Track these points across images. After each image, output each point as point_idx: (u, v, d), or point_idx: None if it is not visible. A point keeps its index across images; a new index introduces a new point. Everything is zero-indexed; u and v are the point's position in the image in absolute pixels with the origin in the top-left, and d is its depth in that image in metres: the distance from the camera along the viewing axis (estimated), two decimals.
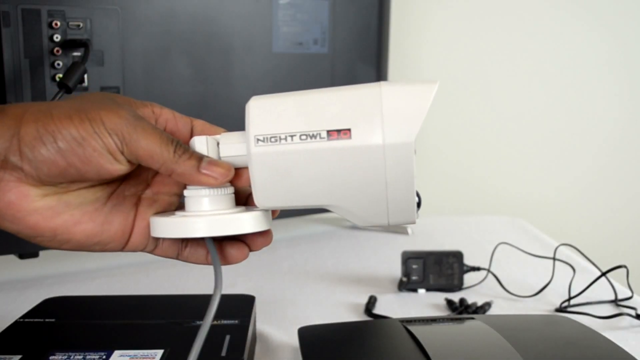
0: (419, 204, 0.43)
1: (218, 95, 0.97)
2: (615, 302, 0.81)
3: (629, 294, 0.83)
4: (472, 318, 0.65)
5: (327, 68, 1.07)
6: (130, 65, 0.88)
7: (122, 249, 0.45)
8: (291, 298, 0.84)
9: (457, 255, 0.86)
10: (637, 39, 1.43)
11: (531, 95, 1.43)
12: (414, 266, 0.85)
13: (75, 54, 0.82)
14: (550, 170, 1.46)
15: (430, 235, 1.16)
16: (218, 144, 0.43)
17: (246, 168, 0.43)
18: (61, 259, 0.97)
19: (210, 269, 0.95)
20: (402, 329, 0.61)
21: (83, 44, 0.81)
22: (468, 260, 0.88)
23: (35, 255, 0.85)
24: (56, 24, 0.80)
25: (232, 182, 0.44)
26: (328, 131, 0.40)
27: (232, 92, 0.98)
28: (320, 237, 1.16)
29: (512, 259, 0.96)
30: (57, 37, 0.81)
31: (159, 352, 0.54)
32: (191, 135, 0.45)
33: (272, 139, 0.40)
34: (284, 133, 0.40)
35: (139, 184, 0.45)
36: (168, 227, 0.42)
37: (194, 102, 0.95)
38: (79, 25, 0.82)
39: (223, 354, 0.54)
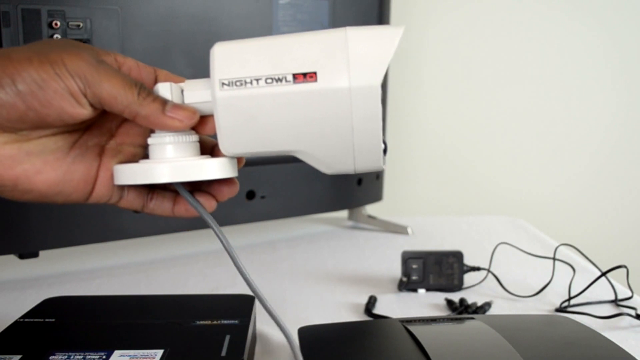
0: (385, 151, 0.42)
1: None
2: (615, 302, 0.81)
3: (629, 294, 0.83)
4: (472, 318, 0.65)
5: None
6: None
7: (86, 200, 0.44)
8: (291, 298, 0.84)
9: (457, 255, 0.86)
10: (635, 38, 1.43)
11: (531, 95, 1.43)
12: (414, 266, 0.85)
13: None
14: (551, 170, 1.46)
15: (430, 235, 1.16)
16: (182, 91, 0.43)
17: (211, 116, 0.42)
18: (61, 259, 0.97)
19: (210, 270, 0.95)
20: (402, 329, 0.61)
21: None
22: (468, 260, 0.88)
23: (35, 255, 0.85)
24: (56, 24, 0.80)
25: (196, 131, 0.43)
26: (294, 74, 0.39)
27: None
28: (320, 237, 1.16)
29: (512, 259, 0.96)
30: (57, 37, 0.81)
31: (159, 352, 0.54)
32: (155, 80, 0.45)
33: (238, 83, 0.40)
34: (249, 77, 0.40)
35: (103, 134, 0.44)
36: (131, 173, 0.41)
37: None
38: (79, 25, 0.82)
39: (223, 354, 0.54)
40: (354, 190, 1.15)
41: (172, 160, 0.41)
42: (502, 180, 1.46)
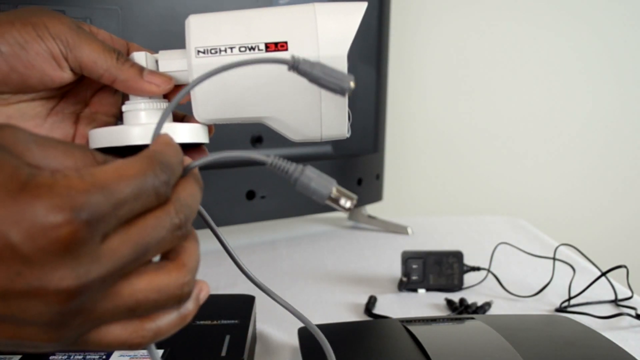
0: (350, 119, 0.45)
1: None
2: (615, 302, 0.81)
3: (629, 294, 0.83)
4: (472, 318, 0.65)
5: None
6: None
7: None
8: (291, 298, 0.84)
9: (457, 255, 0.86)
10: (635, 39, 1.43)
11: (531, 95, 1.43)
12: (414, 266, 0.85)
13: None
14: (551, 171, 1.46)
15: (430, 235, 1.16)
16: (157, 61, 0.44)
17: (184, 85, 0.42)
18: None
19: (210, 270, 0.95)
20: (402, 329, 0.61)
21: None
22: (468, 260, 0.88)
23: None
24: None
25: (169, 100, 0.44)
26: (266, 44, 0.41)
27: None
28: (320, 237, 1.16)
29: (512, 259, 0.96)
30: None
31: (159, 352, 0.54)
32: (127, 52, 0.46)
33: (213, 51, 0.41)
34: (223, 45, 0.41)
35: (78, 102, 0.45)
36: (108, 135, 0.41)
37: None
38: None
39: (223, 353, 0.54)
40: (354, 191, 1.14)
41: (144, 125, 0.41)
42: (502, 180, 1.46)
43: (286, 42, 0.41)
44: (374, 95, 1.15)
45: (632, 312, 0.76)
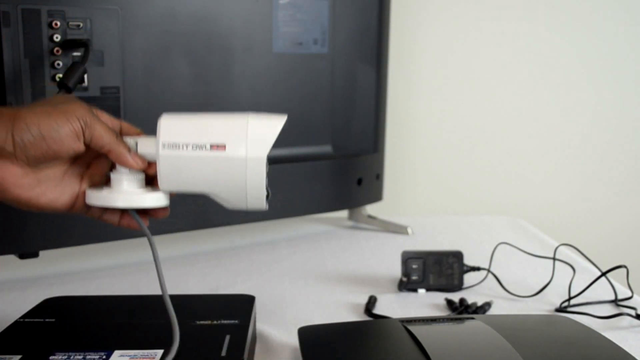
0: (268, 196, 0.60)
1: (218, 95, 0.97)
2: (615, 302, 0.81)
3: (629, 294, 0.83)
4: (472, 318, 0.65)
5: (327, 68, 1.07)
6: (130, 65, 0.88)
7: (69, 211, 0.60)
8: (291, 298, 0.84)
9: (457, 255, 0.86)
10: (635, 40, 1.43)
11: (531, 95, 1.43)
12: (414, 266, 0.86)
13: (75, 54, 0.82)
14: (550, 171, 1.46)
15: (430, 235, 1.16)
16: (136, 143, 0.59)
17: (155, 162, 0.59)
18: (61, 259, 0.97)
19: (210, 270, 0.95)
20: (402, 329, 0.61)
21: (83, 44, 0.81)
22: (468, 260, 0.88)
23: (35, 255, 0.85)
24: (56, 24, 0.80)
25: (144, 171, 0.60)
26: (211, 144, 0.57)
27: (232, 92, 0.98)
28: (320, 237, 1.16)
29: (512, 259, 0.96)
30: (57, 37, 0.81)
31: (159, 352, 0.54)
32: (120, 131, 0.62)
33: (174, 146, 0.57)
34: (182, 143, 0.57)
35: (82, 165, 0.61)
36: (99, 197, 0.59)
37: (194, 102, 0.95)
38: (79, 25, 0.82)
39: (223, 353, 0.54)
40: (354, 190, 1.15)
41: (125, 192, 0.59)
42: (502, 180, 1.46)
43: (225, 145, 0.57)
44: (374, 95, 1.15)
45: (632, 312, 0.76)
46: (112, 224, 0.62)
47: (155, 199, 0.60)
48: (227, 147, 0.57)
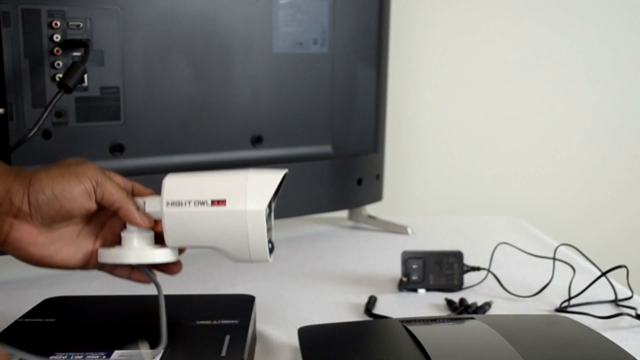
0: (272, 249, 0.63)
1: (218, 95, 0.97)
2: (615, 302, 0.81)
3: (629, 294, 0.83)
4: (472, 318, 0.65)
5: (327, 68, 1.07)
6: (130, 65, 0.88)
7: (83, 269, 0.63)
8: (291, 298, 0.84)
9: (457, 255, 0.86)
10: (635, 41, 1.43)
11: (531, 95, 1.43)
12: (414, 266, 0.85)
13: (75, 54, 0.82)
14: (550, 171, 1.46)
15: (430, 235, 1.16)
16: (144, 203, 0.62)
17: (160, 220, 0.62)
18: None
19: (210, 270, 0.95)
20: (402, 329, 0.61)
21: (83, 44, 0.81)
22: (468, 260, 0.88)
23: None
24: (56, 24, 0.80)
25: (152, 228, 0.63)
26: (212, 200, 0.60)
27: (232, 92, 0.98)
28: (320, 237, 1.16)
29: (512, 259, 0.96)
30: (57, 37, 0.81)
31: (159, 352, 0.54)
32: (132, 191, 0.65)
33: (177, 204, 0.60)
34: (184, 200, 0.60)
35: (96, 226, 0.64)
36: (110, 255, 0.62)
37: (194, 102, 0.95)
38: (79, 25, 0.82)
39: (223, 354, 0.54)
40: (354, 190, 1.15)
41: (135, 248, 0.62)
42: (502, 180, 1.46)
43: (225, 200, 0.59)
44: (374, 95, 1.15)
45: (632, 312, 0.76)
46: (122, 278, 0.65)
47: (164, 255, 0.63)
48: (228, 202, 0.59)
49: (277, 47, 1.01)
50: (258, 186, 0.60)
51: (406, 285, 0.85)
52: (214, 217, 0.60)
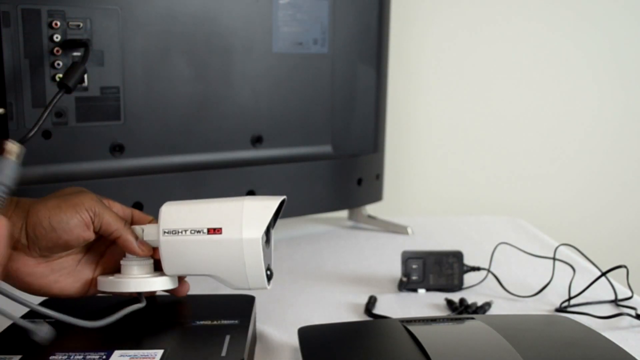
0: (270, 276, 0.63)
1: (218, 95, 0.97)
2: (615, 302, 0.81)
3: (629, 294, 0.83)
4: (472, 318, 0.65)
5: (327, 68, 1.07)
6: (130, 65, 0.88)
7: (81, 297, 0.63)
8: (291, 298, 0.84)
9: (457, 255, 0.86)
10: (635, 41, 1.43)
11: (531, 95, 1.43)
12: (414, 266, 0.86)
13: (75, 54, 0.82)
14: (550, 171, 1.46)
15: (430, 235, 1.16)
16: (143, 231, 0.63)
17: (158, 248, 0.62)
18: None
19: None
20: (402, 329, 0.61)
21: (83, 44, 0.81)
22: (468, 260, 0.88)
23: None
24: (56, 24, 0.80)
25: (151, 256, 0.64)
26: (208, 229, 0.60)
27: (232, 92, 0.98)
28: (320, 237, 1.16)
29: (512, 259, 0.96)
30: (57, 37, 0.81)
31: (159, 352, 0.54)
32: (132, 219, 0.66)
33: (174, 232, 0.60)
34: (181, 228, 0.60)
35: (96, 255, 0.64)
36: (110, 284, 0.62)
37: (194, 102, 0.95)
38: (79, 25, 0.82)
39: (223, 354, 0.54)
40: (354, 190, 1.15)
41: (134, 277, 0.62)
42: (502, 180, 1.46)
43: (221, 228, 0.60)
44: (374, 95, 1.15)
45: (632, 312, 0.76)
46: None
47: (164, 283, 0.63)
48: (224, 230, 0.60)
49: (277, 47, 1.01)
50: (254, 214, 0.60)
51: (406, 285, 0.85)
52: (210, 245, 0.60)
